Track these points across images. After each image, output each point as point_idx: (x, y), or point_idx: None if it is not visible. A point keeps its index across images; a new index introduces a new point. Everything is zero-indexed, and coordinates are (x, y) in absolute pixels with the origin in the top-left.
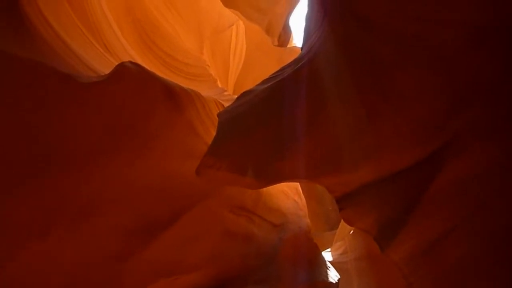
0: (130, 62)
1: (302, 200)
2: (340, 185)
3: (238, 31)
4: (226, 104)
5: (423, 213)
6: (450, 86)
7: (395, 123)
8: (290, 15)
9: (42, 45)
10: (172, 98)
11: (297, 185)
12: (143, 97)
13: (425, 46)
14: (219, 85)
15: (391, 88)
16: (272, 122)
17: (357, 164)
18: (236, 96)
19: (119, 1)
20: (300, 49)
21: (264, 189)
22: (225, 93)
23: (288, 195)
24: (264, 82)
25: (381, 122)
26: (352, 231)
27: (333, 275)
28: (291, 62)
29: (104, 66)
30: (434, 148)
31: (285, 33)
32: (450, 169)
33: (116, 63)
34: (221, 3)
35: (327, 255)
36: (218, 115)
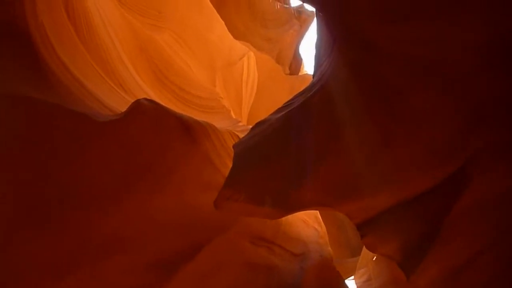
0: (145, 99)
1: (322, 228)
2: (360, 211)
3: (249, 62)
4: (241, 135)
5: (447, 237)
6: (464, 106)
7: (411, 147)
8: (300, 44)
9: (59, 87)
10: (187, 132)
11: (316, 212)
12: (159, 132)
13: (435, 68)
14: (233, 116)
15: (405, 112)
16: (287, 151)
17: (375, 189)
18: (250, 127)
19: (132, 40)
20: (311, 77)
21: (283, 218)
22: (240, 124)
23: (308, 223)
24: (277, 111)
25: (397, 146)
26: (375, 257)
27: None
28: (303, 90)
29: (120, 104)
30: (453, 169)
31: (296, 61)
32: (472, 191)
33: (132, 101)
34: (231, 36)
35: (351, 283)
36: (234, 146)
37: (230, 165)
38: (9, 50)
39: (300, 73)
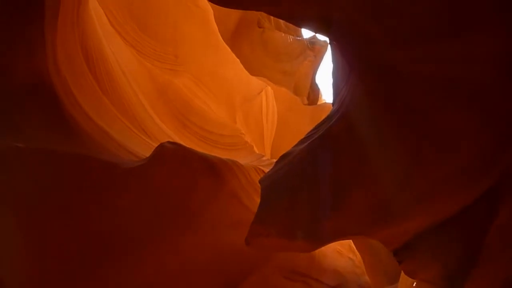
0: (169, 142)
1: (357, 257)
2: (395, 236)
3: (268, 96)
4: (266, 169)
5: (488, 257)
6: (492, 120)
7: (442, 166)
8: (316, 73)
9: (85, 137)
10: (212, 172)
11: (350, 241)
12: (185, 174)
13: (458, 85)
14: (257, 151)
15: (432, 131)
16: (315, 182)
17: (409, 213)
18: (274, 160)
19: (151, 86)
20: (331, 105)
21: (317, 250)
22: (264, 158)
23: (342, 253)
24: (300, 142)
25: (428, 167)
26: (415, 283)
27: None
28: (324, 119)
29: (145, 149)
30: (488, 186)
31: (314, 91)
32: (509, 208)
33: (155, 145)
34: (247, 73)
35: None
36: (260, 181)
37: (258, 201)
38: (35, 107)
39: (319, 103)
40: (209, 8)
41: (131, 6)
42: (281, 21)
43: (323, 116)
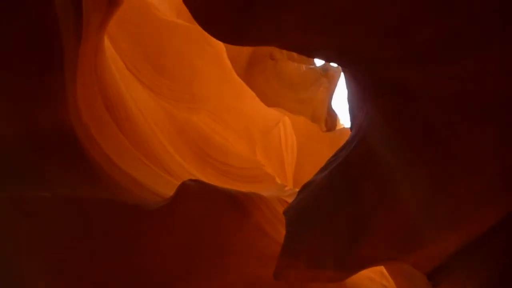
0: (191, 180)
1: (390, 283)
2: (427, 259)
3: (285, 126)
4: (289, 200)
5: None
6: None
7: (468, 183)
8: (332, 99)
9: (108, 182)
10: (236, 206)
11: (381, 267)
12: (209, 210)
13: (473, 100)
14: (279, 182)
15: (454, 150)
16: (339, 209)
17: (439, 233)
18: (297, 190)
19: (170, 125)
20: (349, 130)
21: (348, 279)
22: (286, 188)
23: (374, 280)
24: (321, 170)
25: (454, 186)
26: None
27: None
28: (343, 145)
29: (167, 188)
30: None
31: (331, 117)
32: None
33: (178, 183)
34: (263, 105)
35: None
36: (284, 212)
37: (284, 232)
38: (59, 154)
39: (337, 128)
40: (222, 45)
41: (146, 50)
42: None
43: (342, 141)
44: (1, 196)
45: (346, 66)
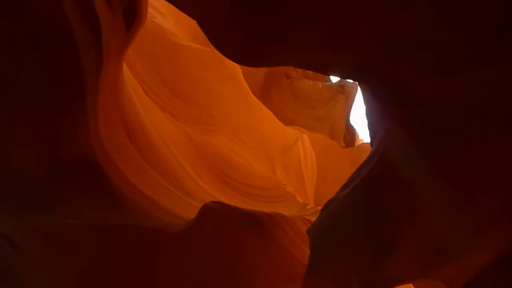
0: (212, 202)
1: None
2: (457, 275)
3: (304, 143)
4: (312, 219)
5: None
6: None
7: (495, 195)
8: (350, 115)
9: (132, 207)
10: (259, 227)
11: (409, 286)
12: (231, 232)
13: (500, 108)
14: (300, 201)
15: (477, 160)
16: (364, 227)
17: (468, 248)
18: (319, 208)
19: (190, 148)
20: (369, 144)
21: None
22: (308, 207)
23: None
24: (343, 187)
25: (480, 198)
26: None
27: None
28: (364, 161)
29: (190, 211)
30: None
31: (349, 133)
32: None
33: (199, 205)
34: (281, 124)
35: None
36: (308, 232)
37: (307, 252)
38: (81, 182)
39: (356, 144)
40: (237, 67)
41: (163, 74)
42: None
43: (363, 157)
44: (31, 226)
45: (364, 82)
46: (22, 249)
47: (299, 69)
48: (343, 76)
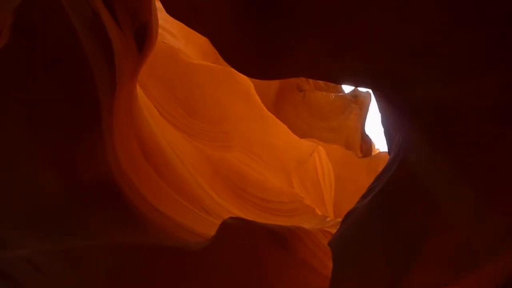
0: (231, 218)
1: None
2: (484, 282)
3: (320, 155)
4: (333, 231)
5: None
6: None
7: None
8: (365, 124)
9: (150, 226)
10: (279, 241)
11: None
12: (251, 247)
13: None
14: (319, 213)
15: (499, 163)
16: (387, 237)
17: (493, 254)
18: (339, 220)
19: (206, 165)
20: (386, 153)
21: None
22: (328, 219)
23: None
24: (363, 197)
25: (502, 200)
26: None
27: None
28: (383, 170)
29: (209, 228)
30: None
31: (365, 142)
32: None
33: (218, 222)
34: (296, 137)
35: None
36: (329, 244)
37: (330, 264)
38: (100, 203)
39: (373, 153)
40: (249, 82)
41: (176, 94)
42: (320, 81)
43: (380, 166)
44: (51, 248)
45: (378, 90)
46: (46, 271)
47: (311, 81)
48: (357, 84)
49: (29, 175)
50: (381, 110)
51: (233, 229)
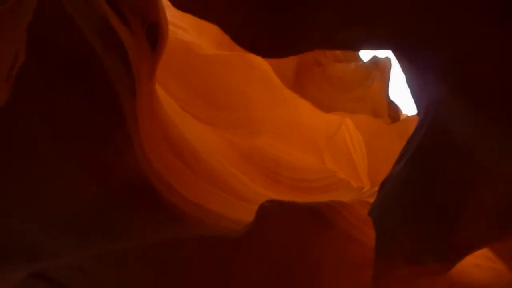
0: (268, 201)
1: (498, 264)
2: None
3: (349, 127)
4: (371, 200)
5: None
6: None
7: None
8: (389, 90)
9: (187, 219)
10: (319, 218)
11: (484, 250)
12: (292, 228)
13: None
14: (354, 185)
15: None
16: (426, 199)
17: None
18: (376, 188)
19: (235, 153)
20: (415, 116)
21: (453, 270)
22: (364, 190)
23: (481, 266)
24: (397, 162)
25: None
26: None
27: None
28: (414, 132)
29: (246, 214)
30: None
31: (392, 108)
32: None
33: (255, 207)
34: (321, 112)
35: None
36: (369, 214)
37: (373, 234)
38: (140, 206)
39: (401, 118)
40: (267, 65)
41: (195, 87)
42: (338, 52)
43: (410, 130)
44: (89, 253)
45: (401, 52)
46: (95, 276)
47: (328, 54)
48: (378, 48)
49: (65, 184)
50: (405, 70)
51: (271, 211)
